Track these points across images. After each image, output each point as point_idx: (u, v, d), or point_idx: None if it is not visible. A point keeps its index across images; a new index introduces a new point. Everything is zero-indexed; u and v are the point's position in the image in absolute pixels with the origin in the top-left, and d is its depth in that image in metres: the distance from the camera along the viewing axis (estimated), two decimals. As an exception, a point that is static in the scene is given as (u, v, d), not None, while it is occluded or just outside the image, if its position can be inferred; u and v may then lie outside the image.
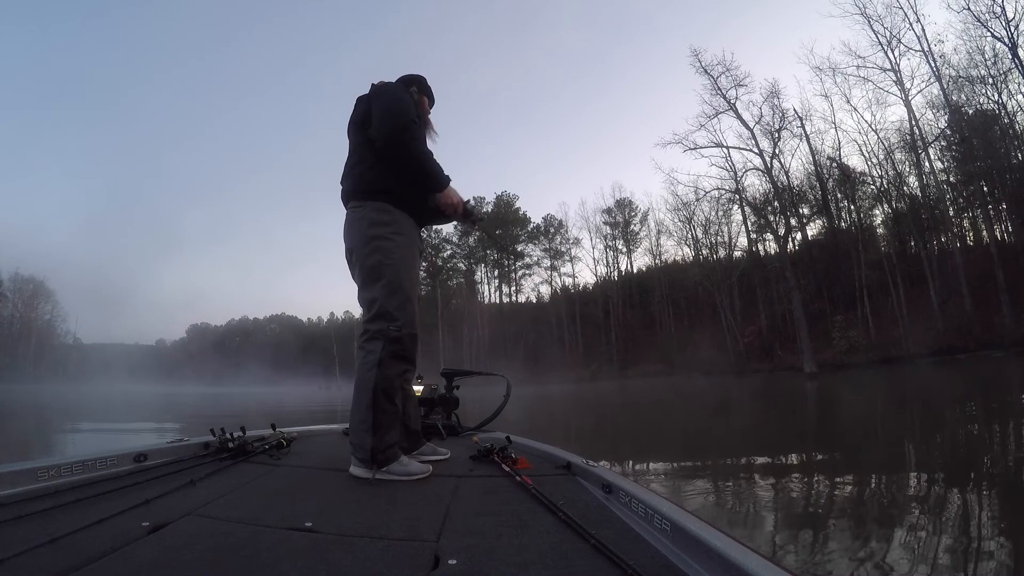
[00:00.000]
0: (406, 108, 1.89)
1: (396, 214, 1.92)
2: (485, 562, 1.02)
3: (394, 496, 1.53)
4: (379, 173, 1.89)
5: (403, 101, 1.92)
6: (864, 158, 31.21)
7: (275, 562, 1.00)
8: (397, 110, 1.87)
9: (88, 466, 1.63)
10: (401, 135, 1.84)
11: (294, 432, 2.41)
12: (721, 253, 39.68)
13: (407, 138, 1.84)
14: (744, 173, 31.37)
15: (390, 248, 1.87)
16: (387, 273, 1.85)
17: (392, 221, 1.90)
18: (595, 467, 1.65)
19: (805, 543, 2.82)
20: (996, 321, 22.08)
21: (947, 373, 17.73)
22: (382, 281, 1.84)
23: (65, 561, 0.96)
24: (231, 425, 2.20)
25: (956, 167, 28.12)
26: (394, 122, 1.84)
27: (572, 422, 10.62)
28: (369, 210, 1.90)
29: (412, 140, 1.85)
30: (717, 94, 30.32)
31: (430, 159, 1.91)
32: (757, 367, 30.76)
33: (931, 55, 26.62)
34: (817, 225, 35.13)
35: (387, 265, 1.85)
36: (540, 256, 52.35)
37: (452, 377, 2.88)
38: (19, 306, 62.28)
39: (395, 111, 1.86)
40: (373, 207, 1.89)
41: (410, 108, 1.91)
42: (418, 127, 1.90)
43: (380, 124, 1.86)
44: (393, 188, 1.90)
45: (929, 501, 3.48)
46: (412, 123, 1.86)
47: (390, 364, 1.80)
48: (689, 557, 0.99)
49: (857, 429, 7.44)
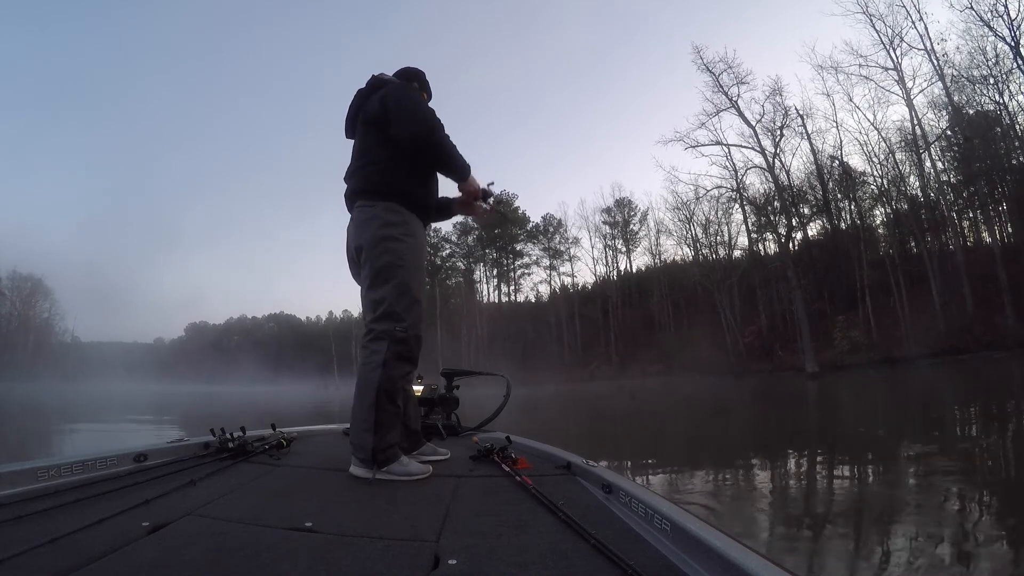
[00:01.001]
0: (423, 104, 1.94)
1: (407, 215, 1.91)
2: (485, 562, 1.02)
3: (394, 496, 1.53)
4: (391, 173, 1.88)
5: (419, 100, 1.95)
6: (866, 157, 31.08)
7: (275, 562, 1.00)
8: (419, 107, 1.90)
9: (88, 466, 1.63)
10: (434, 132, 1.86)
11: (294, 432, 2.41)
12: (721, 253, 39.68)
13: (441, 133, 1.88)
14: (745, 172, 31.23)
15: (401, 250, 1.86)
16: (397, 274, 1.84)
17: (403, 222, 1.90)
18: (595, 467, 1.65)
19: (820, 546, 2.80)
20: (998, 321, 21.94)
21: (951, 374, 17.65)
22: (392, 282, 1.84)
23: (65, 561, 0.96)
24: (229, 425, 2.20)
25: (957, 167, 27.97)
26: (424, 120, 1.86)
27: (570, 430, 10.38)
28: (380, 210, 1.88)
29: (445, 135, 1.89)
30: (719, 91, 30.04)
31: (453, 149, 1.93)
32: (757, 367, 30.65)
33: (934, 54, 26.42)
34: (817, 225, 35.06)
35: (398, 267, 1.85)
36: (539, 255, 52.36)
37: (452, 377, 2.88)
38: (17, 304, 62.15)
39: (418, 109, 1.89)
40: (384, 207, 1.87)
41: (423, 101, 1.95)
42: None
43: (410, 122, 1.85)
44: (405, 189, 1.90)
45: (962, 505, 3.42)
46: (436, 118, 1.89)
47: (395, 365, 1.79)
48: (689, 557, 0.99)
49: (875, 432, 7.25)
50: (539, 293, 53.77)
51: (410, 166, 1.94)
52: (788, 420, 9.75)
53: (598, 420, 11.63)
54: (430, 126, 1.85)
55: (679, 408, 13.48)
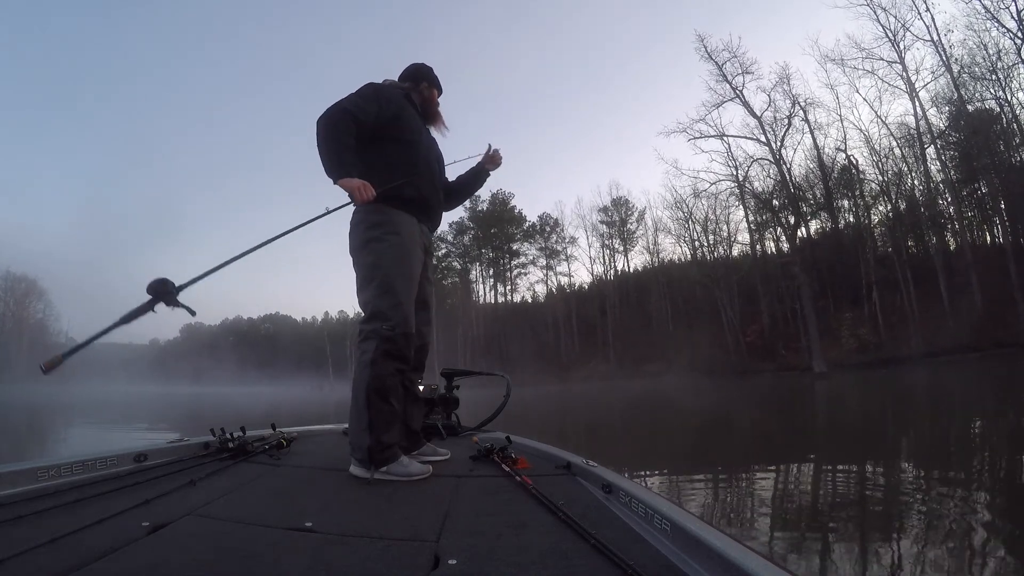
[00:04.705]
0: (352, 96, 1.91)
1: (391, 214, 1.92)
2: (485, 562, 1.02)
3: (394, 496, 1.53)
4: (368, 175, 1.85)
5: (355, 94, 1.93)
6: (870, 152, 30.59)
7: (275, 562, 1.01)
8: (343, 98, 1.89)
9: (88, 466, 1.63)
10: (321, 121, 1.84)
11: (294, 432, 2.41)
12: (721, 251, 39.54)
13: (329, 125, 1.83)
14: (750, 164, 30.36)
15: (382, 249, 1.88)
16: (378, 274, 1.86)
17: (386, 222, 1.91)
18: (595, 467, 1.65)
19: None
20: (1010, 319, 21.47)
21: (970, 374, 17.09)
22: (375, 282, 1.86)
23: (65, 561, 0.96)
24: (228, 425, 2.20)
25: (961, 163, 27.48)
26: (327, 110, 1.85)
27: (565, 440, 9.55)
28: (363, 212, 1.91)
29: (323, 125, 1.83)
30: (722, 81, 28.81)
31: (330, 145, 1.82)
32: (759, 367, 30.21)
33: (940, 45, 25.77)
34: (821, 220, 34.49)
35: (379, 266, 1.87)
36: (535, 255, 52.38)
37: (452, 377, 2.88)
38: (11, 305, 61.91)
39: (341, 99, 1.88)
40: (366, 209, 1.88)
41: (351, 99, 1.90)
42: (347, 116, 1.85)
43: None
44: (384, 187, 1.88)
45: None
46: (340, 110, 1.85)
47: (383, 363, 1.80)
48: (689, 557, 0.99)
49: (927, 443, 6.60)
50: (535, 293, 53.89)
51: (392, 164, 1.94)
52: (846, 438, 7.47)
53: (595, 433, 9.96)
54: (326, 116, 1.84)
55: (696, 418, 11.48)
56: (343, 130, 1.83)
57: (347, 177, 1.80)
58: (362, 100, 1.90)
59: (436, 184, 2.15)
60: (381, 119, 1.93)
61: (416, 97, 2.19)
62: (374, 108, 1.91)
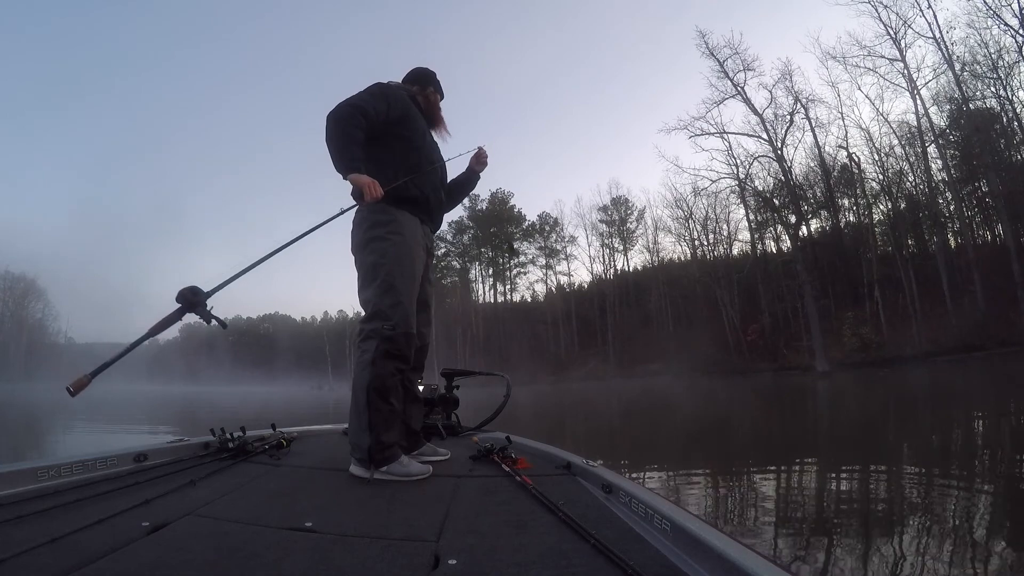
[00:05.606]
0: (362, 95, 1.91)
1: (395, 213, 1.92)
2: (485, 562, 1.02)
3: (394, 496, 1.53)
4: (374, 173, 1.84)
5: (365, 92, 1.93)
6: (871, 150, 30.43)
7: (275, 562, 1.01)
8: (352, 96, 1.89)
9: (88, 466, 1.63)
10: (331, 118, 1.83)
11: (294, 432, 2.41)
12: (721, 250, 39.47)
13: (338, 120, 1.82)
14: (751, 162, 30.25)
15: (384, 248, 1.88)
16: (380, 273, 1.86)
17: (390, 221, 1.90)
18: (595, 467, 1.65)
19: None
20: (1012, 318, 21.28)
21: (969, 373, 16.88)
22: (376, 281, 1.86)
23: (65, 561, 0.96)
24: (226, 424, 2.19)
25: (962, 162, 27.40)
26: (338, 107, 1.85)
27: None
28: (366, 211, 1.91)
29: (334, 120, 1.83)
30: (724, 78, 28.73)
31: (341, 140, 1.81)
32: (760, 366, 30.06)
33: (942, 42, 25.57)
34: (822, 219, 34.32)
35: (381, 265, 1.86)
36: (535, 254, 52.36)
37: (452, 377, 2.88)
38: (10, 304, 61.96)
39: (349, 97, 1.88)
40: (370, 208, 1.88)
41: (361, 96, 1.90)
42: (358, 112, 1.85)
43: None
44: (388, 187, 1.88)
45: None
46: (351, 106, 1.85)
47: (383, 363, 1.80)
48: (689, 557, 0.99)
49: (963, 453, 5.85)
50: (535, 292, 53.90)
51: (398, 164, 1.94)
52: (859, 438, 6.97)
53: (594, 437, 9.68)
54: (336, 111, 1.84)
55: (696, 419, 10.85)
56: (354, 125, 1.83)
57: (356, 172, 1.79)
58: (372, 98, 1.91)
59: (439, 185, 2.15)
60: (389, 118, 1.94)
61: (421, 100, 2.20)
62: (383, 107, 1.92)
